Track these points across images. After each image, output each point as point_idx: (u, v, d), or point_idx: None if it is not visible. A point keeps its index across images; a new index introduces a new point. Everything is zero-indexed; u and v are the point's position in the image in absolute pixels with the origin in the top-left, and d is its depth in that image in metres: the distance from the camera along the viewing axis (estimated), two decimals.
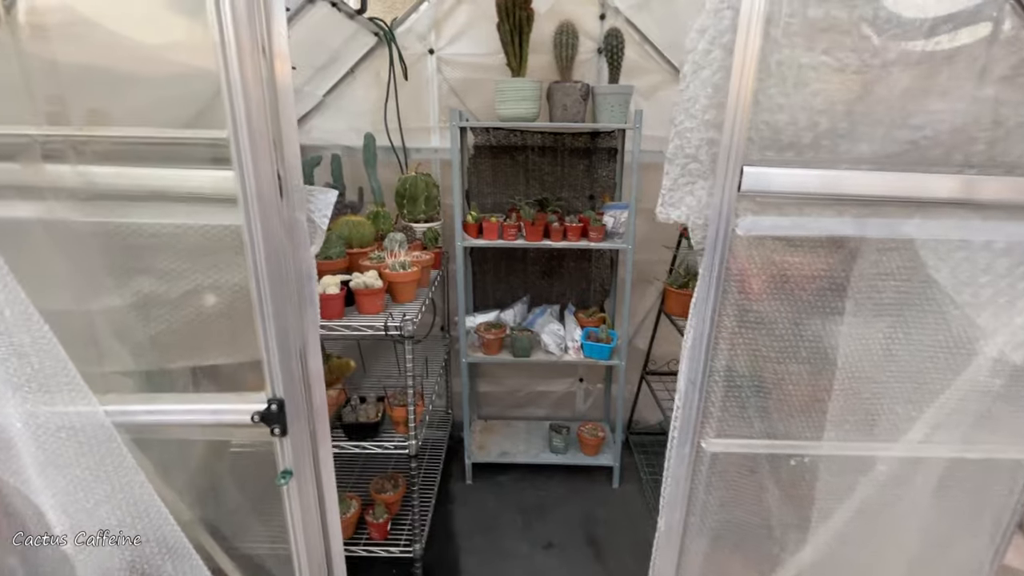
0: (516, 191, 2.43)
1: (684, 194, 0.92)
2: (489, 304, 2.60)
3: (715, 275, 0.93)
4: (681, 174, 0.91)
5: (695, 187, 0.91)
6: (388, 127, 2.32)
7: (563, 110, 2.11)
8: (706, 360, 0.99)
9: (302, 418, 1.00)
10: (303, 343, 0.99)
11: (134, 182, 0.91)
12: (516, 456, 2.50)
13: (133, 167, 0.91)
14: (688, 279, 2.27)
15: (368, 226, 2.04)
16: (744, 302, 0.95)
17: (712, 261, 0.92)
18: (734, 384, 1.02)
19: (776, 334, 0.99)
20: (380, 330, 1.60)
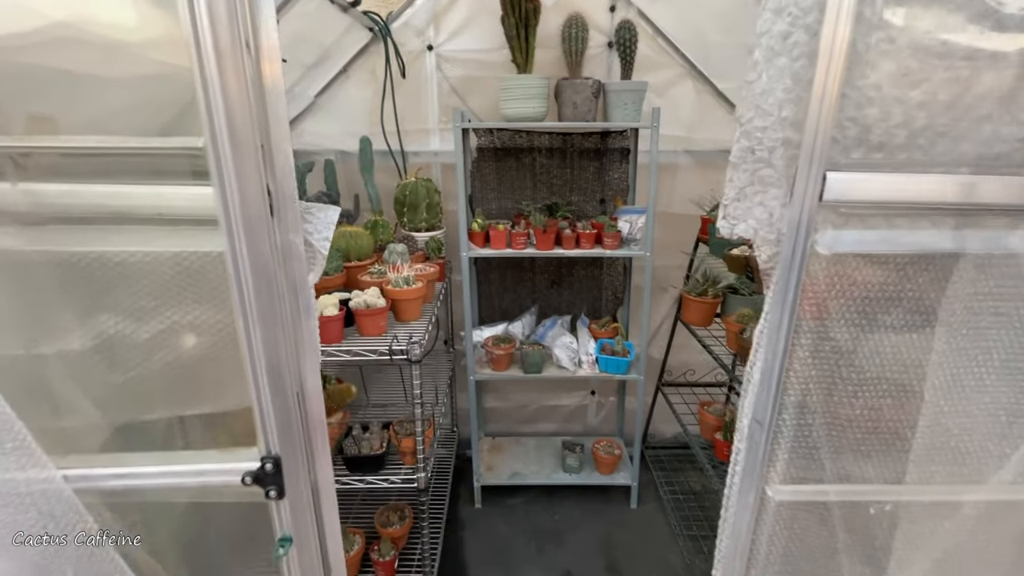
0: (522, 196, 2.29)
1: (752, 205, 0.77)
2: (495, 316, 2.46)
3: (790, 300, 0.78)
4: (749, 181, 0.76)
5: (766, 196, 0.76)
6: (385, 129, 2.16)
7: (573, 108, 1.96)
8: (776, 397, 0.85)
9: (303, 476, 0.84)
10: (301, 387, 0.84)
11: (94, 201, 0.75)
12: (528, 477, 2.35)
13: (92, 183, 0.75)
14: (707, 286, 2.14)
15: (366, 237, 1.88)
16: (820, 329, 0.81)
17: (786, 284, 0.78)
18: (805, 423, 0.88)
19: (855, 364, 0.85)
20: (384, 354, 1.45)
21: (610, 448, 2.38)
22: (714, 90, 2.17)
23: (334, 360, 1.45)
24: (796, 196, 0.74)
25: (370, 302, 1.50)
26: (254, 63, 0.68)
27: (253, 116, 0.68)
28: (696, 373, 2.58)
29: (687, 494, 2.38)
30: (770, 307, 0.82)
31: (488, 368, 2.20)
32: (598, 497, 2.39)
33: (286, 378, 0.80)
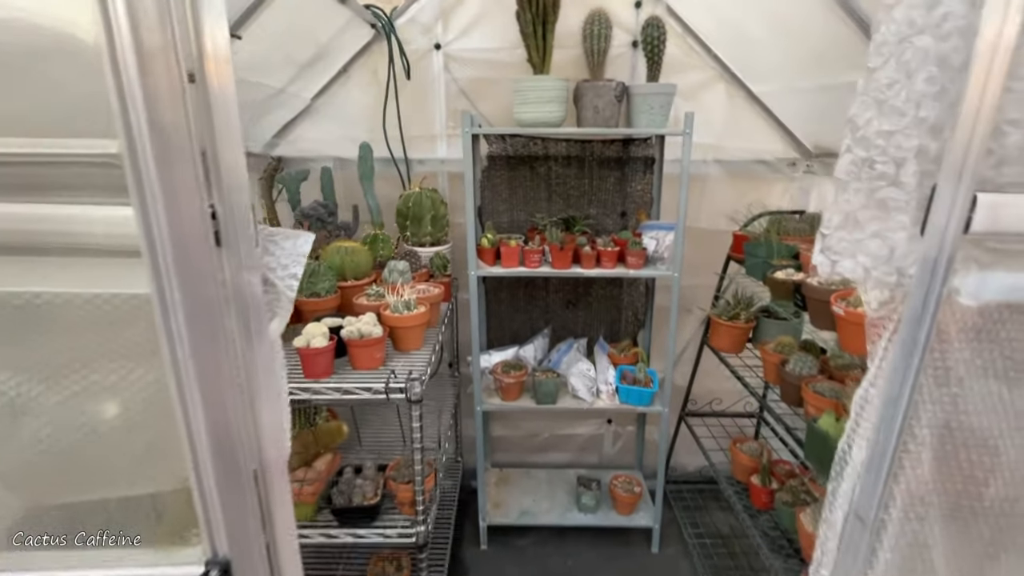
0: (536, 208, 2.09)
1: (865, 236, 0.58)
2: (505, 338, 2.26)
3: (915, 365, 0.58)
4: (864, 204, 0.57)
5: (887, 224, 0.57)
6: (387, 135, 1.98)
7: (594, 113, 1.78)
8: (885, 488, 0.64)
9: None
10: (261, 462, 0.64)
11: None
12: (539, 516, 2.14)
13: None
14: (739, 309, 1.93)
15: (364, 253, 1.70)
16: (953, 406, 0.61)
17: (911, 343, 0.58)
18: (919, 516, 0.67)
19: (989, 445, 0.64)
20: (380, 392, 1.26)
21: (629, 485, 2.16)
22: (748, 94, 1.97)
23: (322, 399, 1.26)
24: (933, 225, 0.54)
25: (364, 331, 1.31)
26: (190, 43, 0.49)
27: (190, 115, 0.50)
28: (723, 402, 2.36)
29: (714, 537, 2.16)
30: (885, 373, 0.61)
31: (497, 397, 2.00)
32: (616, 539, 2.17)
33: (239, 454, 0.61)
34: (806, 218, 1.90)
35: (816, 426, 1.31)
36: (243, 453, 0.62)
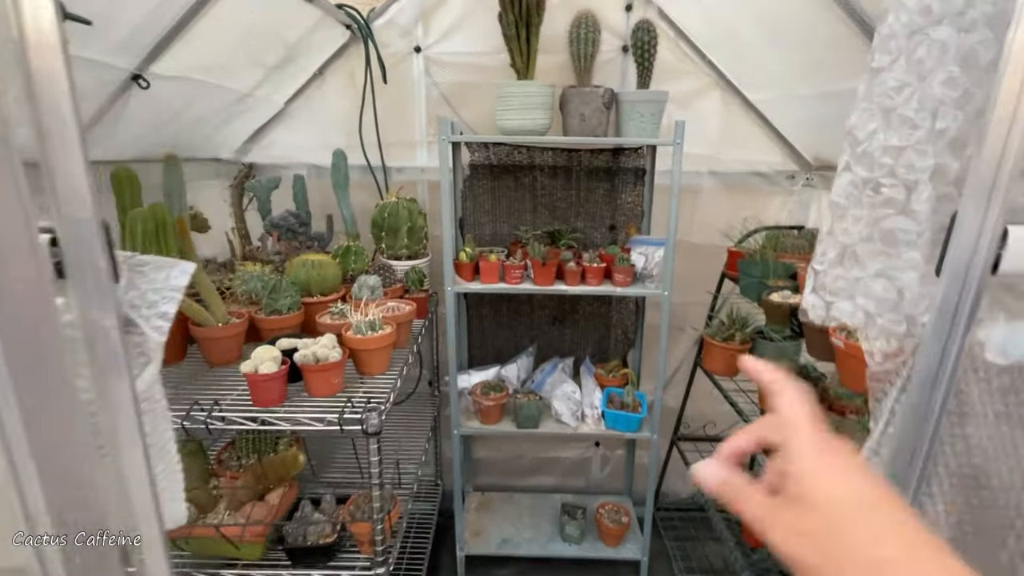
0: (521, 220, 1.99)
1: (867, 275, 0.47)
2: (487, 356, 2.15)
3: (928, 434, 0.47)
4: (865, 236, 0.46)
5: (895, 261, 0.46)
6: (364, 141, 1.88)
7: (580, 121, 1.67)
8: None
9: None
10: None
11: None
12: (520, 546, 2.02)
13: None
14: (733, 330, 1.82)
15: (332, 267, 1.59)
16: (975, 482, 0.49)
17: (924, 408, 0.47)
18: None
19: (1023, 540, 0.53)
20: (333, 424, 1.14)
21: (617, 515, 2.04)
22: (745, 102, 1.87)
23: (268, 429, 1.15)
24: (952, 263, 0.43)
25: (321, 355, 1.20)
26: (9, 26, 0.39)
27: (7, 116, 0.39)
28: (717, 426, 2.24)
29: (706, 572, 2.03)
30: (891, 440, 0.50)
31: (476, 420, 1.88)
32: (601, 572, 2.04)
33: (98, 533, 0.50)
34: (805, 234, 1.79)
35: None
36: (106, 530, 0.51)
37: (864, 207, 0.45)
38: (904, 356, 0.49)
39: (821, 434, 0.33)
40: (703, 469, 0.37)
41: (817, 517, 0.31)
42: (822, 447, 0.33)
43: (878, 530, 0.30)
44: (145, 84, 1.16)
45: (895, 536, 0.29)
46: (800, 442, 0.33)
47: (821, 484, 0.31)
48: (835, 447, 0.33)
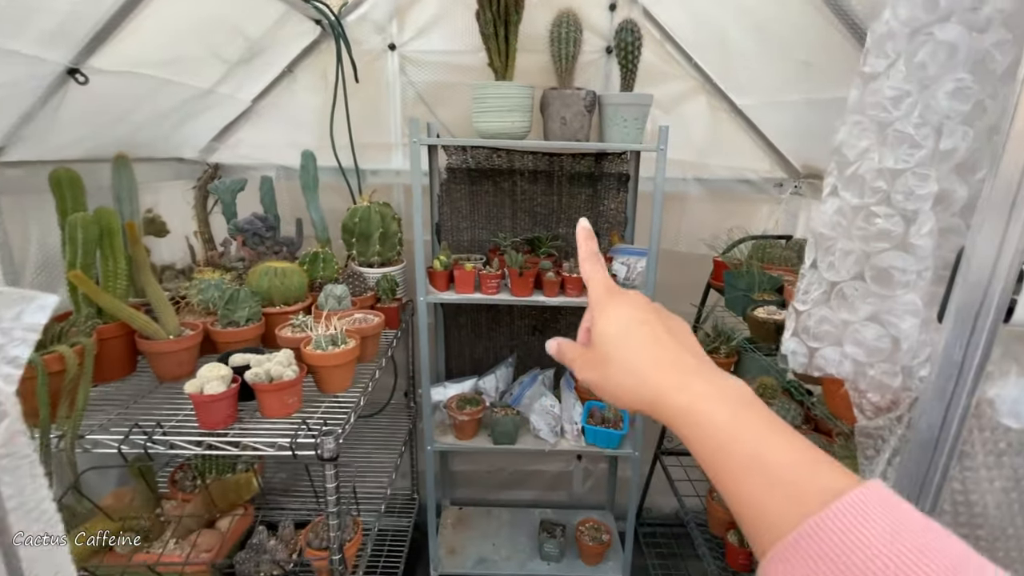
0: (500, 226, 1.91)
1: (856, 319, 0.39)
2: (465, 366, 2.07)
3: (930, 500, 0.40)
4: (855, 274, 0.38)
5: (889, 304, 0.38)
6: (335, 142, 1.80)
7: (562, 125, 1.60)
8: None
9: None
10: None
11: None
12: (497, 565, 1.94)
13: None
14: (719, 344, 1.76)
15: (297, 275, 1.50)
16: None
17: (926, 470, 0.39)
18: None
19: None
20: (285, 448, 1.06)
21: (597, 533, 1.97)
22: (732, 107, 1.81)
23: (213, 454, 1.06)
24: (958, 309, 0.36)
25: (275, 373, 1.12)
26: None
27: None
28: None
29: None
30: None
31: (451, 435, 1.81)
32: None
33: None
34: (793, 244, 1.73)
35: None
36: None
37: (854, 239, 0.38)
38: (899, 411, 0.42)
39: (606, 287, 0.42)
40: (549, 343, 0.47)
41: (599, 349, 0.38)
42: (605, 297, 0.41)
43: (638, 346, 0.36)
44: (83, 79, 1.07)
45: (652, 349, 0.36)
46: (592, 297, 0.42)
47: (599, 324, 0.39)
48: (615, 294, 0.41)
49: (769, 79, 1.55)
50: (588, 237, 0.45)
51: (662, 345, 0.36)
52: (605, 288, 0.42)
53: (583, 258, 0.44)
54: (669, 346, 0.36)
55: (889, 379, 0.40)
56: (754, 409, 0.32)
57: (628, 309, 0.39)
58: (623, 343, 0.37)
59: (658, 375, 0.34)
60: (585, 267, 0.44)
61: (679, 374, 0.34)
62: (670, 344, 0.36)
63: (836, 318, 0.40)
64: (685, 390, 0.33)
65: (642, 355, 0.36)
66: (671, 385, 0.34)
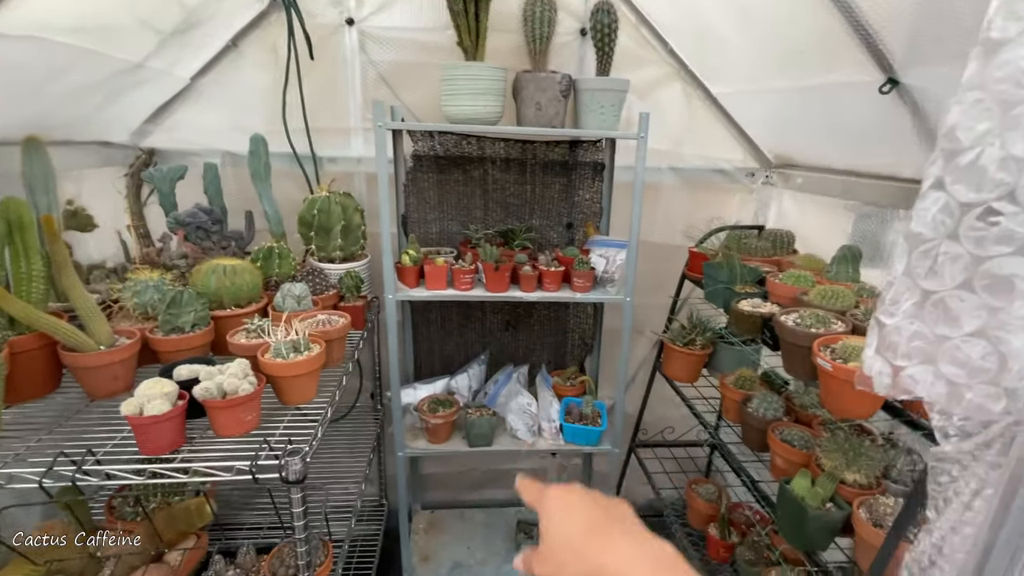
0: (471, 217, 1.81)
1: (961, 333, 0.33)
2: (435, 366, 1.97)
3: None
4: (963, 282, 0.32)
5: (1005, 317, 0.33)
6: (288, 126, 1.64)
7: (536, 110, 1.51)
8: None
9: None
10: None
11: None
12: (473, 569, 1.87)
13: None
14: (694, 335, 1.74)
15: (250, 273, 1.36)
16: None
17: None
18: None
19: None
20: (245, 472, 0.94)
21: None
22: (707, 95, 1.77)
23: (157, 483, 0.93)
24: None
25: (230, 387, 0.99)
26: None
27: None
28: (675, 430, 2.18)
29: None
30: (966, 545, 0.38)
31: (423, 439, 1.71)
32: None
33: None
34: (767, 235, 1.73)
35: (789, 490, 1.11)
36: None
37: (964, 242, 0.32)
38: (990, 436, 0.36)
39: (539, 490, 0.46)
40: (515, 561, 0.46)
41: (544, 543, 0.42)
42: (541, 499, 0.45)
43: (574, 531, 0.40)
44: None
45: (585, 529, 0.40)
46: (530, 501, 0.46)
47: (541, 523, 0.43)
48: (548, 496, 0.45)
49: (749, 66, 1.51)
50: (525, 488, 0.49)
51: (594, 524, 0.40)
52: (539, 492, 0.45)
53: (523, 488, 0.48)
54: (600, 523, 0.40)
55: (991, 402, 0.35)
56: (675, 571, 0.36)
57: (562, 503, 0.43)
58: (560, 531, 0.41)
59: (592, 548, 0.38)
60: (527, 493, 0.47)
61: (609, 542, 0.38)
62: (601, 521, 0.40)
63: (931, 333, 0.35)
64: (615, 554, 0.38)
65: (577, 536, 0.40)
66: (603, 552, 0.38)
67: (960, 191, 0.32)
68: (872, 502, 1.05)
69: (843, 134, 1.42)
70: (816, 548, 1.09)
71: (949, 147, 0.31)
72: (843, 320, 1.06)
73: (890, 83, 1.05)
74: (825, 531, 1.06)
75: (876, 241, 1.48)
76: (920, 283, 0.35)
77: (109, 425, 1.03)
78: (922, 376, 0.36)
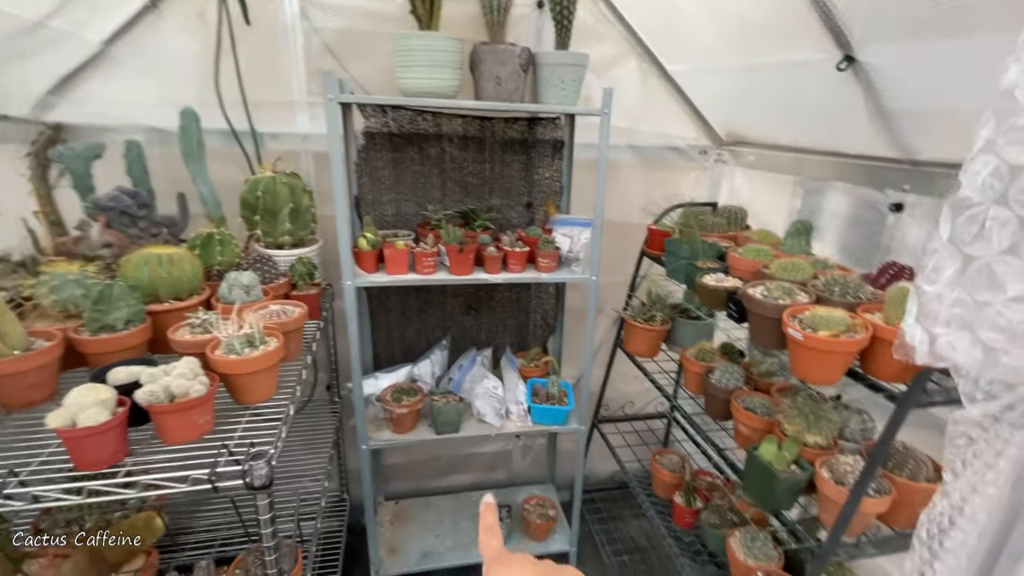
0: (429, 198, 1.74)
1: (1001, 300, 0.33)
2: (395, 354, 1.90)
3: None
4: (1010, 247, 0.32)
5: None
6: (223, 100, 1.49)
7: (496, 84, 1.46)
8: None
9: None
10: None
11: None
12: (443, 557, 1.85)
13: None
14: (655, 311, 1.78)
15: (189, 262, 1.23)
16: None
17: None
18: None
19: None
20: (202, 481, 0.85)
21: (543, 509, 1.95)
22: (662, 73, 1.78)
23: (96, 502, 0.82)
24: None
25: (179, 389, 0.89)
26: None
27: None
28: (635, 404, 2.24)
29: (632, 552, 2.03)
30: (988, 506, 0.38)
31: (387, 430, 1.65)
32: None
33: None
34: (721, 211, 1.78)
35: (757, 456, 1.16)
36: None
37: (1014, 206, 0.32)
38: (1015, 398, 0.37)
39: (494, 558, 0.44)
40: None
41: None
42: (495, 567, 0.43)
43: None
44: None
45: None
46: (485, 564, 0.44)
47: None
48: (502, 562, 0.43)
49: (706, 43, 1.52)
50: (488, 511, 0.47)
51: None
52: (493, 558, 0.44)
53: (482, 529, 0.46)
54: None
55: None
56: None
57: (516, 571, 0.42)
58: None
59: None
60: (481, 538, 0.46)
61: None
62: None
63: (971, 299, 0.34)
64: None
65: None
66: None
67: (1013, 153, 0.31)
68: (832, 461, 1.11)
69: (796, 112, 1.47)
70: (783, 508, 1.15)
71: (1005, 107, 0.31)
72: (806, 291, 1.10)
73: (847, 60, 1.09)
74: (791, 492, 1.12)
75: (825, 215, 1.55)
76: (964, 249, 0.34)
77: (31, 440, 0.90)
78: (959, 342, 0.36)
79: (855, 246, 1.46)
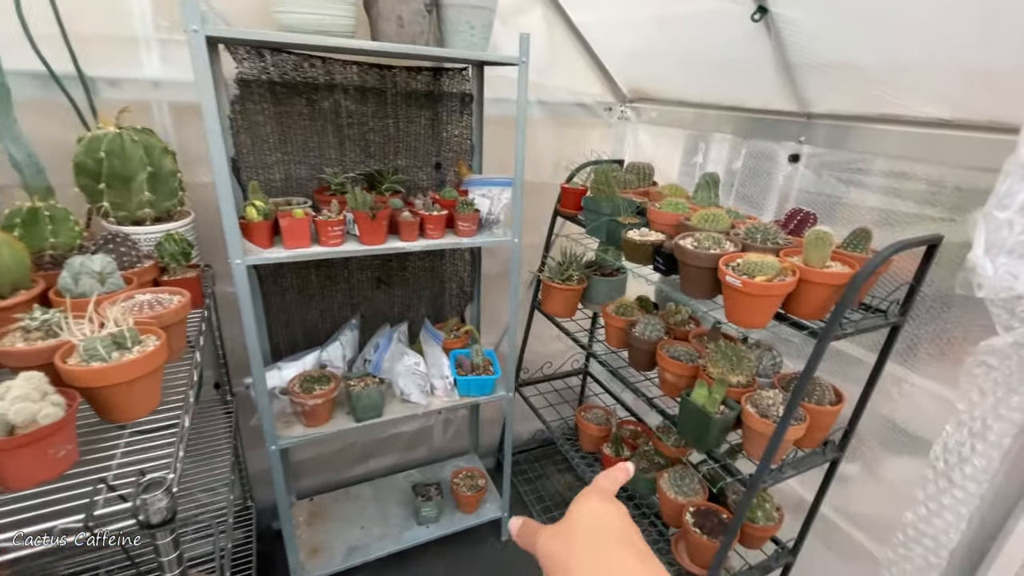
0: (325, 159, 1.52)
1: None
2: (297, 340, 1.68)
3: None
4: None
5: None
6: (31, 32, 1.12)
7: (399, 26, 1.28)
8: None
9: None
10: None
11: None
12: (372, 548, 1.73)
13: None
14: (572, 271, 1.77)
15: (8, 247, 0.93)
16: None
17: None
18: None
19: None
20: (75, 530, 0.65)
21: (472, 480, 1.91)
22: (568, 24, 1.72)
23: None
24: None
25: (22, 417, 0.66)
26: None
27: None
28: (554, 364, 2.26)
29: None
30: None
31: (299, 424, 1.46)
32: (465, 541, 1.92)
33: None
34: (630, 168, 1.80)
35: (690, 400, 1.20)
36: None
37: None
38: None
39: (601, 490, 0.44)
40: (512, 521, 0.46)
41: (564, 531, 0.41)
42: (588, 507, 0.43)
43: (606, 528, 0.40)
44: None
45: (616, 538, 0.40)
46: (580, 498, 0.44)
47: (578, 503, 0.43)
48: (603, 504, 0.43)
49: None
50: (621, 472, 0.47)
51: (626, 537, 0.40)
52: (601, 489, 0.44)
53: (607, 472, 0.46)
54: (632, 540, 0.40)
55: None
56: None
57: (603, 501, 0.43)
58: (596, 523, 0.41)
59: (614, 556, 0.38)
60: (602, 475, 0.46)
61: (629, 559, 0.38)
62: (634, 540, 0.40)
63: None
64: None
65: (611, 535, 0.40)
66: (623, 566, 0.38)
67: None
68: (756, 397, 1.19)
69: (703, 67, 1.50)
70: (716, 447, 1.22)
71: None
72: (731, 240, 1.14)
73: (760, 11, 1.11)
74: (723, 430, 1.19)
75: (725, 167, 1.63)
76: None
77: None
78: (1021, 271, 0.35)
79: (753, 196, 1.56)
